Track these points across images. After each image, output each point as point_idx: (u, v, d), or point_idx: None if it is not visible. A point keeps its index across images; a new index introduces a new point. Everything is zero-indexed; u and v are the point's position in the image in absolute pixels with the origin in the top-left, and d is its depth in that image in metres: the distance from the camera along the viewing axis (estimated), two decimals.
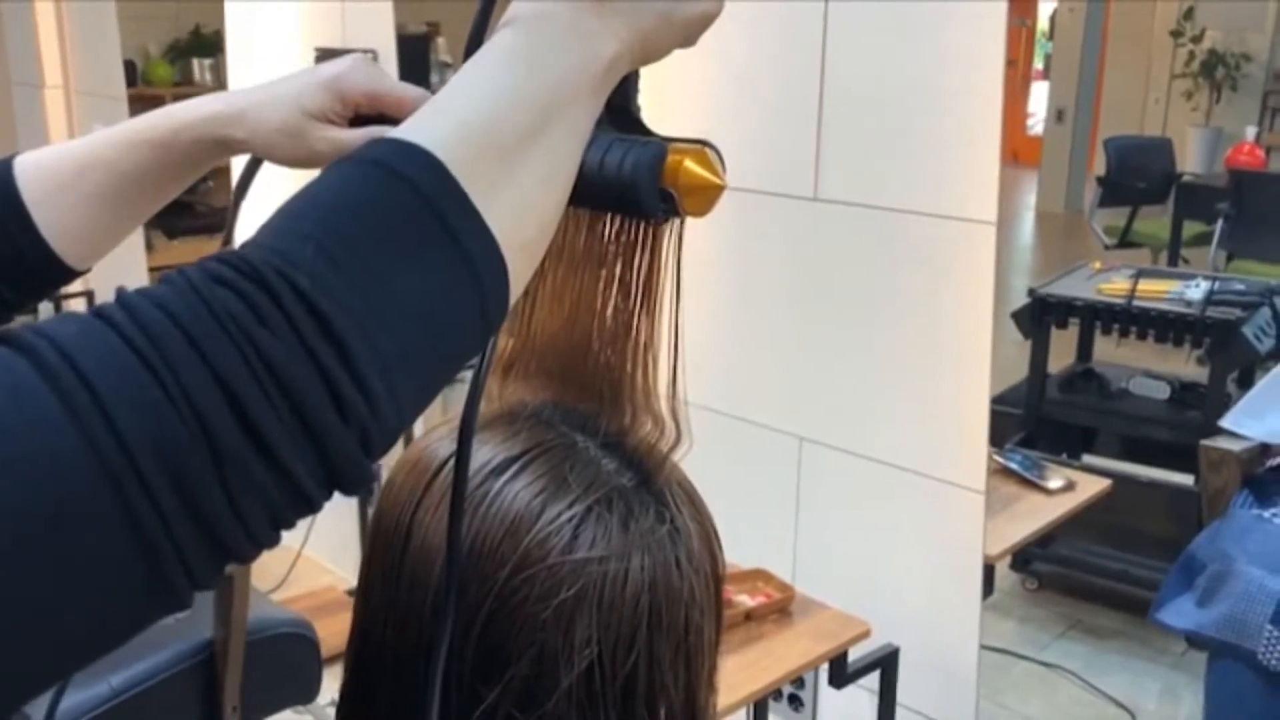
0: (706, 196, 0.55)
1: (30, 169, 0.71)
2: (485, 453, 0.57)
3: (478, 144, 0.44)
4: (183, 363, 0.36)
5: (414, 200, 0.41)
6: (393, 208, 0.41)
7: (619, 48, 0.51)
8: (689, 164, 0.54)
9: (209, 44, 3.86)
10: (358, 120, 0.70)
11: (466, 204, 0.42)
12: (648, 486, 0.58)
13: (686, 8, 0.53)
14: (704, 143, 0.57)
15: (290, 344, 0.37)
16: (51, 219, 0.70)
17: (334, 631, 1.54)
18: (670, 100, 2.21)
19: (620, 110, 0.58)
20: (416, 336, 0.40)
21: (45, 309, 3.82)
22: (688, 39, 0.55)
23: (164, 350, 0.36)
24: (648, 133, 0.58)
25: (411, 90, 0.69)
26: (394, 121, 0.70)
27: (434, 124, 0.45)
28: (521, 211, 0.45)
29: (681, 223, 0.57)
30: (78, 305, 3.76)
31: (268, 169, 0.73)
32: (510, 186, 0.44)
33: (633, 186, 0.54)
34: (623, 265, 0.58)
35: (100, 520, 0.35)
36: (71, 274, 0.73)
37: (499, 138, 0.45)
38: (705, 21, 0.55)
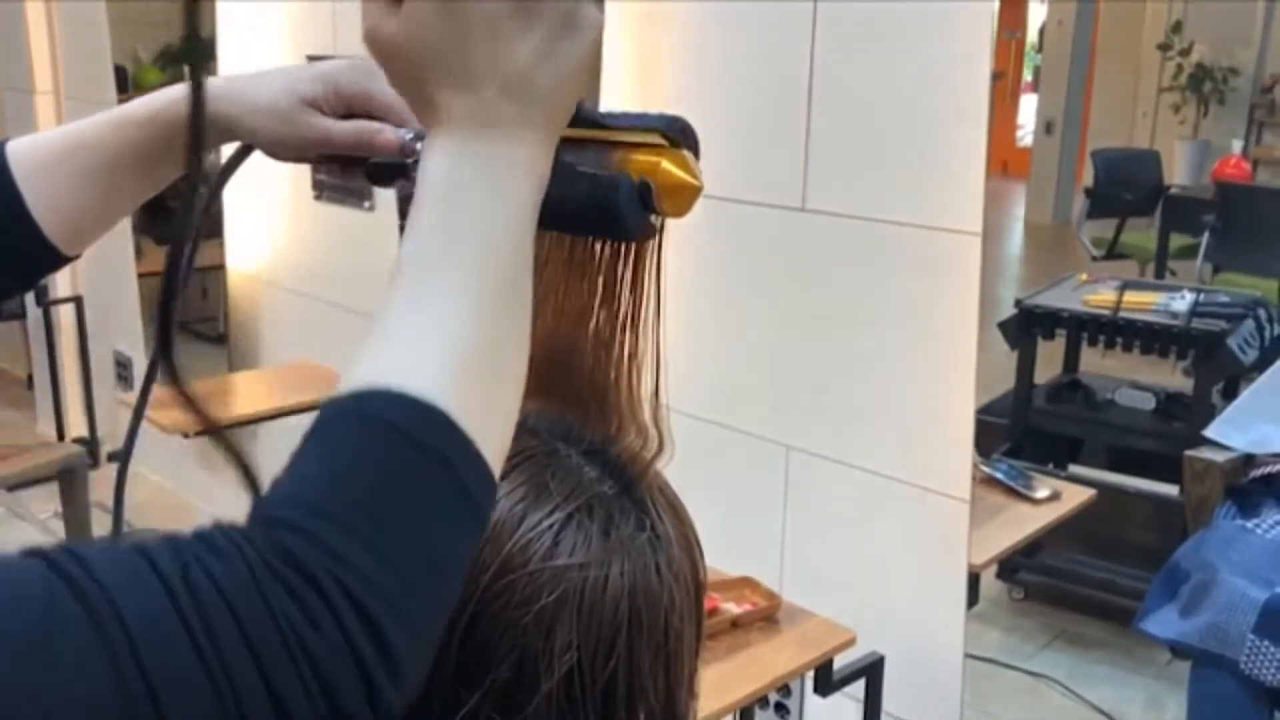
0: (684, 198, 0.55)
1: (22, 151, 0.71)
2: None
3: (471, 376, 0.46)
4: (237, 665, 0.37)
5: (437, 470, 0.43)
6: (418, 480, 0.42)
7: (543, 153, 0.51)
8: (666, 165, 0.54)
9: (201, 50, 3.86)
10: (347, 118, 0.70)
11: (471, 451, 0.44)
12: (629, 494, 0.58)
13: (570, 54, 0.51)
14: (670, 129, 0.56)
15: (337, 645, 0.39)
16: (41, 200, 0.71)
17: None
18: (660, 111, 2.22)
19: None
20: (438, 589, 0.43)
21: (35, 316, 3.82)
22: (586, 71, 0.54)
23: (221, 649, 0.37)
24: (600, 125, 0.57)
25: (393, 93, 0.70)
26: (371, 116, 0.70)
27: (429, 366, 0.45)
28: (507, 417, 0.48)
29: (662, 228, 0.57)
30: (66, 311, 3.75)
31: (242, 184, 0.73)
32: (499, 401, 0.48)
33: (614, 211, 0.54)
34: (605, 275, 0.58)
35: None
36: (60, 259, 0.73)
37: (485, 357, 0.47)
38: (595, 50, 0.53)
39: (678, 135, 0.56)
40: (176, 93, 0.70)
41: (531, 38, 0.49)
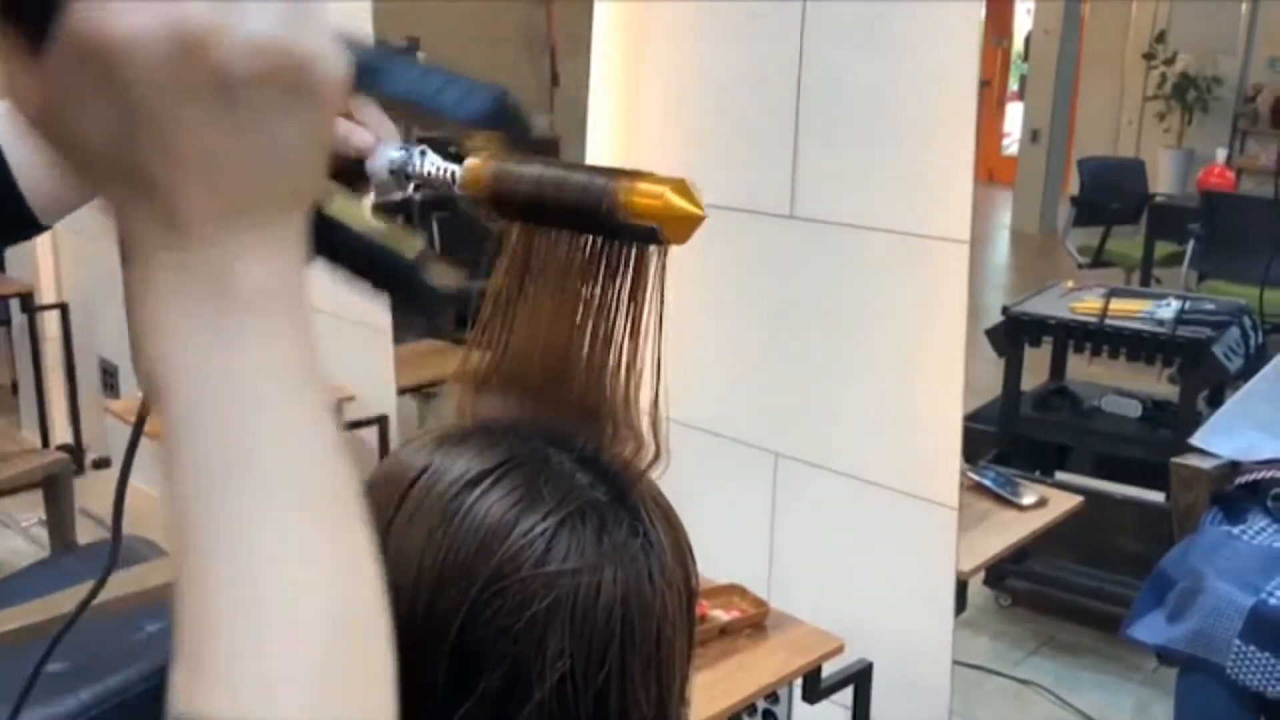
0: (687, 227, 0.54)
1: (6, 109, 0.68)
2: (460, 465, 0.57)
3: (333, 667, 0.36)
4: None
5: None
6: None
7: (294, 255, 0.37)
8: (671, 198, 0.54)
9: None
10: None
11: None
12: (622, 500, 0.58)
13: (301, 130, 0.36)
14: (494, 117, 0.50)
15: None
16: (23, 163, 0.66)
17: None
18: (648, 119, 2.22)
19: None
20: None
21: (20, 322, 3.79)
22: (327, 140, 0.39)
23: None
24: (413, 102, 0.51)
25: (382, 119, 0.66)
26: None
27: (290, 680, 0.34)
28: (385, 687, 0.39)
29: (665, 249, 0.57)
30: (51, 317, 3.72)
31: None
32: (371, 692, 0.38)
33: (404, 286, 0.48)
34: (604, 283, 0.58)
35: None
36: (36, 227, 0.68)
37: (343, 628, 0.37)
38: (336, 111, 0.39)
39: (503, 120, 0.48)
40: None
41: (236, 119, 0.35)
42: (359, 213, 0.46)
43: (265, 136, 0.35)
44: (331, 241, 0.44)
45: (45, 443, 3.64)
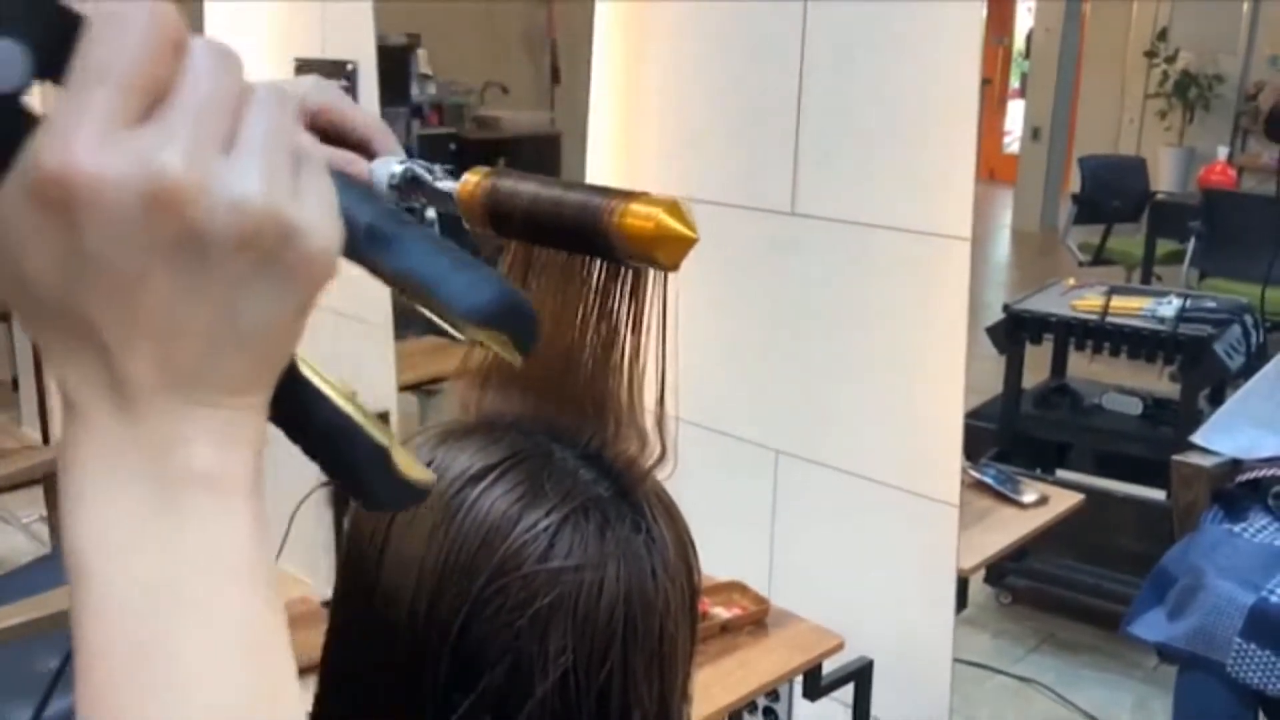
0: (680, 249, 0.54)
1: None
2: (463, 460, 0.57)
3: None
4: None
5: None
6: None
7: (248, 444, 0.34)
8: (664, 219, 0.54)
9: None
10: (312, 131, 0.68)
11: None
12: (625, 496, 0.58)
13: (273, 307, 0.33)
14: (497, 320, 0.43)
15: None
16: None
17: (307, 644, 1.53)
18: (648, 117, 2.22)
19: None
20: None
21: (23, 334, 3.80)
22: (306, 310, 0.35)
23: None
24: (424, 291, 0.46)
25: (373, 116, 0.67)
26: (345, 142, 0.66)
27: None
28: None
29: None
30: None
31: None
32: None
33: (356, 473, 0.44)
34: (605, 282, 0.58)
35: None
36: None
37: None
38: (323, 280, 0.35)
39: (507, 320, 0.42)
40: None
41: (203, 284, 0.32)
42: (331, 386, 0.42)
43: (233, 308, 0.32)
44: (298, 413, 0.40)
45: (46, 439, 3.64)
